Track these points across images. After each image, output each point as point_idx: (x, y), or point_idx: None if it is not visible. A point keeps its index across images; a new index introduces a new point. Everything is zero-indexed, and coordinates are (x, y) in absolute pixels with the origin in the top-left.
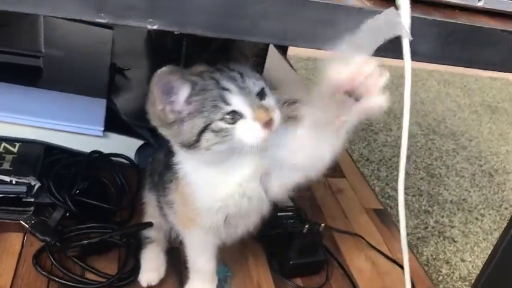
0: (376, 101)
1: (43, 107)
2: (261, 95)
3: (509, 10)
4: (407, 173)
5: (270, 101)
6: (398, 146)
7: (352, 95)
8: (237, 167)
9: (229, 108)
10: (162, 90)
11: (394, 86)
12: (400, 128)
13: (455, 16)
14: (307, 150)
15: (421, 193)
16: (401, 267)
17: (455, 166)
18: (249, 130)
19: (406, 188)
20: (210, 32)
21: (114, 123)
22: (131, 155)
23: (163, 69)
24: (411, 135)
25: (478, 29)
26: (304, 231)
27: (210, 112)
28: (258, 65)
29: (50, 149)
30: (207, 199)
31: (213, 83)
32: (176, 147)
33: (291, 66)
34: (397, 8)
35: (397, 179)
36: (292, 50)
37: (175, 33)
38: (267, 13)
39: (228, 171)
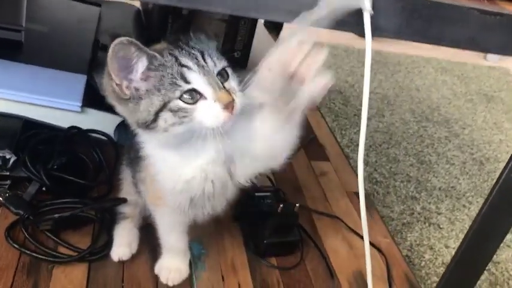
0: (318, 81)
1: (22, 81)
2: (223, 75)
3: None
4: (396, 159)
5: (232, 82)
6: (389, 133)
7: (295, 79)
8: (200, 150)
9: (188, 86)
10: (119, 63)
11: (390, 73)
12: (393, 114)
13: None
14: (265, 140)
15: (409, 179)
16: (380, 250)
17: (446, 154)
18: (209, 111)
19: (394, 174)
20: (175, 2)
21: (94, 99)
22: (110, 131)
23: (121, 39)
24: (404, 122)
25: (444, 5)
26: (279, 210)
27: (168, 90)
28: (244, 45)
29: (28, 124)
30: (169, 181)
31: (171, 59)
32: (134, 127)
33: None
34: None
35: (385, 164)
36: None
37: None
38: None
39: (190, 154)
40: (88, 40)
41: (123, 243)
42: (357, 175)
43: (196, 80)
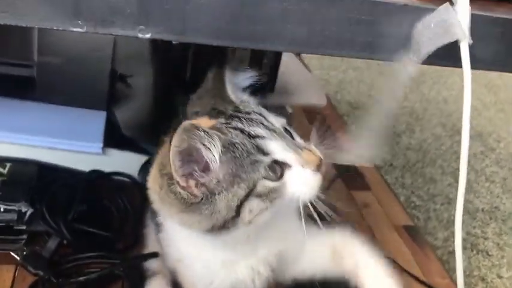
0: None
1: (36, 122)
2: (289, 132)
3: None
4: (433, 179)
5: (298, 139)
6: (422, 150)
7: None
8: (259, 246)
9: (269, 159)
10: (184, 157)
11: (415, 85)
12: (423, 129)
13: None
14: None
15: (449, 201)
16: None
17: (484, 170)
18: (302, 180)
19: (433, 196)
20: (214, 40)
21: (114, 138)
22: (134, 172)
23: (185, 125)
24: (436, 138)
25: None
26: None
27: (249, 172)
28: (271, 68)
29: (44, 169)
30: (209, 285)
31: (238, 133)
32: (176, 228)
33: (307, 68)
34: (452, 3)
35: (422, 186)
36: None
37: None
38: (287, 14)
39: (245, 252)
40: (104, 71)
41: None
42: (401, 204)
43: (275, 148)
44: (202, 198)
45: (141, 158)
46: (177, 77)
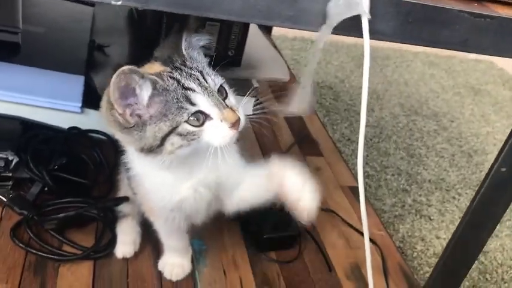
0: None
1: (21, 82)
2: (222, 92)
3: None
4: (387, 153)
5: (231, 99)
6: (379, 127)
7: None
8: (194, 171)
9: (194, 109)
10: (121, 92)
11: (379, 68)
12: (382, 108)
13: None
14: (253, 194)
15: (400, 172)
16: (375, 243)
17: (435, 147)
18: (217, 131)
19: (385, 167)
20: (171, 8)
21: (92, 100)
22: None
23: (123, 69)
24: (393, 116)
25: (435, 8)
26: (278, 205)
27: (175, 114)
28: (238, 43)
29: (28, 125)
30: (160, 199)
31: (174, 83)
32: (131, 151)
33: (274, 45)
34: None
35: (376, 158)
36: (277, 30)
37: (139, 9)
38: None
39: (184, 175)
40: (83, 40)
41: (127, 241)
42: (350, 169)
43: (202, 101)
44: (134, 125)
45: None
46: (151, 47)
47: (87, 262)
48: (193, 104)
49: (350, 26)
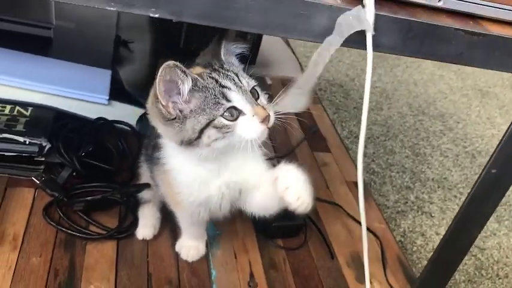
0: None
1: (53, 75)
2: (254, 93)
3: (464, 10)
4: (393, 151)
5: (262, 99)
6: (387, 125)
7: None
8: (222, 170)
9: (229, 104)
10: (165, 86)
11: (389, 68)
12: (390, 108)
13: (417, 14)
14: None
15: (404, 170)
16: (375, 235)
17: (440, 146)
18: (249, 125)
19: (390, 165)
20: (202, 21)
21: (118, 93)
22: (133, 122)
23: (168, 63)
24: (401, 115)
25: (434, 26)
26: None
27: (212, 109)
28: (254, 43)
29: (59, 114)
30: (190, 196)
31: (212, 81)
32: (170, 144)
33: (287, 43)
34: (363, 6)
35: (382, 155)
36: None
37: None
38: (249, 6)
39: (214, 173)
40: (110, 36)
41: (147, 225)
42: (355, 166)
43: (236, 98)
44: (175, 118)
45: (139, 111)
46: (173, 44)
47: (111, 242)
48: (228, 100)
49: (355, 39)
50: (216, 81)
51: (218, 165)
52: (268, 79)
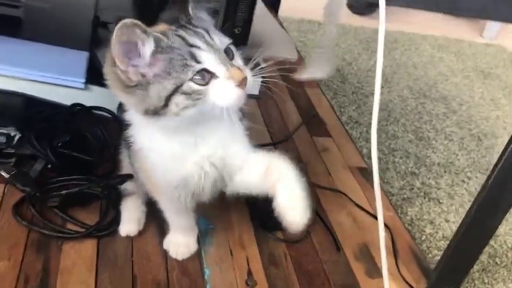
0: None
1: (24, 58)
2: (228, 53)
3: None
4: (395, 136)
5: (238, 60)
6: (388, 110)
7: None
8: (199, 144)
9: (200, 66)
10: (123, 48)
11: (387, 51)
12: (390, 91)
13: None
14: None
15: (408, 155)
16: (384, 224)
17: (444, 130)
18: (223, 90)
19: (393, 150)
20: None
21: (96, 76)
22: (114, 108)
23: (125, 21)
24: (402, 99)
25: None
26: None
27: (180, 72)
28: (245, 21)
29: (31, 101)
30: (164, 176)
31: (179, 40)
32: (135, 115)
33: (281, 25)
34: None
35: (385, 141)
36: (284, 12)
37: None
38: None
39: (189, 147)
40: (88, 16)
41: (131, 220)
42: (358, 151)
43: (208, 59)
44: (137, 84)
45: None
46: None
47: (90, 240)
48: (198, 62)
49: None
50: (183, 39)
51: (194, 138)
52: (261, 61)
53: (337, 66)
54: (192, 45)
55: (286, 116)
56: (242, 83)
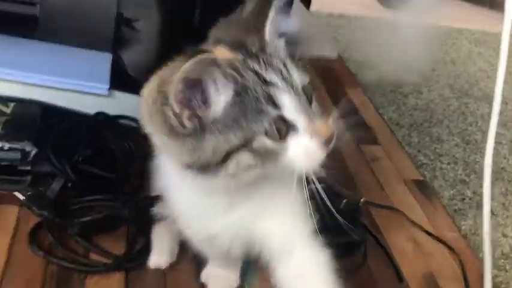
0: None
1: (40, 61)
2: (307, 95)
3: None
4: (440, 139)
5: (315, 104)
6: (429, 110)
7: None
8: (235, 204)
9: (276, 113)
10: (188, 89)
11: (422, 45)
12: (430, 90)
13: None
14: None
15: (456, 161)
16: (448, 246)
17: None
18: (306, 150)
19: (440, 156)
20: None
21: (121, 81)
22: None
23: (203, 58)
24: (443, 98)
25: None
26: (341, 207)
27: (252, 121)
28: None
29: (49, 110)
30: (188, 228)
31: (252, 76)
32: (171, 165)
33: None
34: None
35: (429, 145)
36: (313, 6)
37: None
38: None
39: (222, 206)
40: (110, 13)
41: (162, 250)
42: (412, 160)
43: (288, 103)
44: (191, 131)
45: None
46: (185, 21)
47: (117, 273)
48: (275, 107)
49: None
50: (257, 74)
51: (229, 201)
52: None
53: (372, 64)
54: (268, 83)
55: None
56: (329, 140)
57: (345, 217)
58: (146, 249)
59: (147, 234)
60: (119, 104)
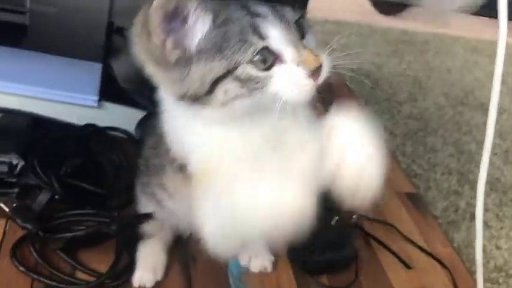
0: None
1: (28, 71)
2: (299, 28)
3: None
4: (434, 149)
5: (310, 39)
6: (424, 119)
7: None
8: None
9: (262, 44)
10: (166, 16)
11: (419, 53)
12: (425, 98)
13: None
14: None
15: (450, 171)
16: (441, 263)
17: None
18: (291, 80)
19: (433, 166)
20: None
21: (111, 91)
22: (131, 128)
23: None
24: (438, 107)
25: None
26: (333, 222)
27: (236, 50)
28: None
29: (36, 121)
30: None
31: (240, 8)
32: (167, 99)
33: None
34: None
35: (423, 154)
36: (309, 12)
37: None
38: None
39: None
40: (101, 22)
41: (147, 268)
42: (404, 172)
43: (274, 34)
44: (177, 60)
45: (139, 113)
46: None
47: None
48: (261, 37)
49: None
50: (245, 8)
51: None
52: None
53: (367, 70)
54: (255, 14)
55: None
56: (316, 72)
57: (337, 233)
58: (131, 267)
59: (132, 251)
60: (109, 115)
